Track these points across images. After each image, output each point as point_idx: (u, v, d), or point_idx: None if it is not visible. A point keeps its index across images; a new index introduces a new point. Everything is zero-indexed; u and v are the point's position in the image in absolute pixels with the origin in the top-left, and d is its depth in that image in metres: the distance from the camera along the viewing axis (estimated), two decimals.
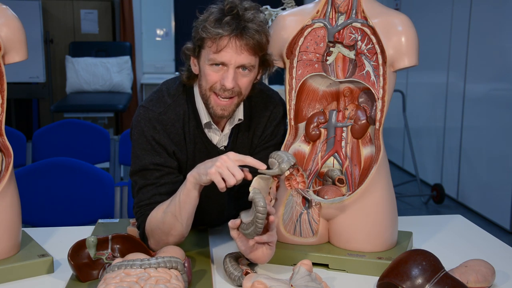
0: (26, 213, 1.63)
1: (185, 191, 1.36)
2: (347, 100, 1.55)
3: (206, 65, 1.41)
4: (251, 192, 1.26)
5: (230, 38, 1.37)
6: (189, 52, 1.46)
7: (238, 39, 1.37)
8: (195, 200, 1.38)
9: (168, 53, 6.78)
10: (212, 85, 1.42)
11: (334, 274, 1.42)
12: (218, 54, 1.38)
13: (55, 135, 3.28)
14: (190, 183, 1.35)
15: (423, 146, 5.26)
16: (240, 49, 1.38)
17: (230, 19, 1.37)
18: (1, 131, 1.41)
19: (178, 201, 1.37)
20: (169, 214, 1.39)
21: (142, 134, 1.49)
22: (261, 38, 1.39)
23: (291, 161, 1.32)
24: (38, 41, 5.34)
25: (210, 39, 1.38)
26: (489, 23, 4.14)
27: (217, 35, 1.36)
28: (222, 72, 1.40)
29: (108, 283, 1.15)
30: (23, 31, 1.43)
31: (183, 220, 1.38)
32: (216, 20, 1.37)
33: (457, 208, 4.53)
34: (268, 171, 1.32)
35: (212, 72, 1.41)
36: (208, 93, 1.44)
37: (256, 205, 1.23)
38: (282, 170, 1.31)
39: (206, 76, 1.42)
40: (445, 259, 1.32)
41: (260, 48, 1.40)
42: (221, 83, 1.40)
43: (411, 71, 5.42)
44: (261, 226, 1.25)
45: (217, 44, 1.37)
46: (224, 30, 1.36)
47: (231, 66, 1.39)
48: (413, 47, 1.44)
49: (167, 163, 1.49)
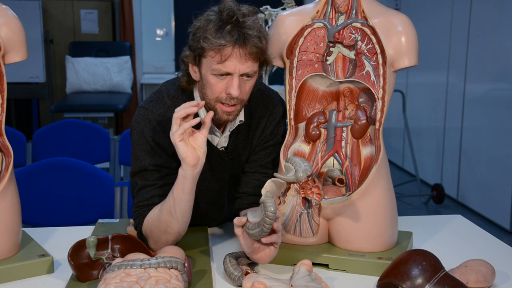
0: (26, 213, 1.63)
1: (178, 185, 1.36)
2: (347, 100, 1.55)
3: (210, 75, 1.40)
4: (263, 194, 1.26)
5: (234, 48, 1.35)
6: (188, 61, 1.45)
7: (242, 48, 1.36)
8: (189, 195, 1.37)
9: (168, 53, 6.78)
10: (218, 95, 1.41)
11: (334, 274, 1.42)
12: (223, 64, 1.36)
13: (55, 135, 3.28)
14: (180, 175, 1.35)
15: (423, 146, 5.26)
16: (244, 58, 1.37)
17: (231, 27, 1.35)
18: (1, 131, 1.41)
19: (172, 197, 1.38)
20: (165, 211, 1.39)
21: (141, 135, 1.49)
22: (262, 44, 1.39)
23: (307, 171, 1.29)
24: (38, 41, 5.34)
25: (212, 49, 1.36)
26: (489, 23, 4.14)
27: (220, 46, 1.35)
28: (227, 81, 1.39)
29: (108, 283, 1.15)
30: (23, 31, 1.43)
31: (179, 217, 1.38)
32: (216, 29, 1.35)
33: (457, 208, 4.53)
34: (283, 177, 1.30)
35: (216, 82, 1.40)
36: (214, 103, 1.43)
37: (266, 209, 1.23)
38: (298, 179, 1.29)
39: (211, 86, 1.41)
40: (445, 259, 1.33)
41: (262, 53, 1.40)
42: (227, 92, 1.39)
43: (411, 71, 5.42)
44: (267, 230, 1.25)
45: (220, 54, 1.36)
46: (226, 40, 1.34)
47: (236, 74, 1.38)
48: (413, 47, 1.44)
49: (166, 164, 1.49)
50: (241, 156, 1.59)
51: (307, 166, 1.30)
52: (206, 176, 1.54)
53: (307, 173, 1.29)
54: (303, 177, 1.28)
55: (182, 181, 1.35)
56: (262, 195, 1.25)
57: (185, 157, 1.32)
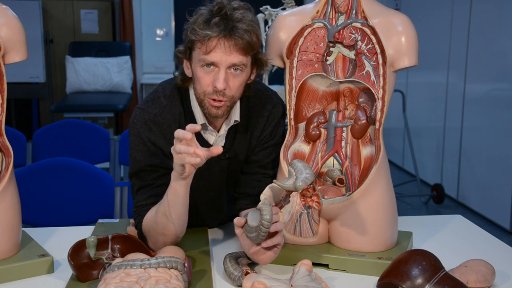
0: (26, 213, 1.63)
1: (171, 190, 1.36)
2: (347, 100, 1.55)
3: (198, 67, 1.40)
4: (261, 201, 1.25)
5: (218, 39, 1.36)
6: (181, 55, 1.46)
7: (227, 39, 1.36)
8: (183, 199, 1.37)
9: (168, 53, 6.78)
10: (205, 89, 1.41)
11: (334, 274, 1.42)
12: (208, 55, 1.37)
13: (55, 135, 3.29)
14: (173, 181, 1.35)
15: (423, 146, 5.26)
16: (229, 50, 1.37)
17: (219, 20, 1.36)
18: (1, 131, 1.41)
19: (167, 201, 1.37)
20: (160, 213, 1.39)
21: (138, 136, 1.49)
22: (250, 38, 1.38)
23: (307, 181, 1.26)
24: (38, 41, 5.34)
25: (199, 41, 1.37)
26: (489, 23, 4.14)
27: (206, 37, 1.35)
28: (214, 74, 1.39)
29: (108, 283, 1.15)
30: (23, 31, 1.43)
31: (174, 220, 1.38)
32: (204, 21, 1.36)
33: (457, 208, 4.53)
34: (282, 185, 1.28)
35: (204, 75, 1.40)
36: (202, 97, 1.43)
37: (262, 217, 1.23)
38: (297, 189, 1.26)
39: (199, 79, 1.41)
40: (445, 259, 1.33)
41: (250, 47, 1.39)
42: (213, 85, 1.39)
43: (411, 71, 5.42)
44: (263, 237, 1.25)
45: (206, 45, 1.36)
46: (212, 31, 1.35)
47: (222, 66, 1.38)
48: (413, 47, 1.44)
49: (163, 164, 1.49)
50: (239, 156, 1.59)
51: (308, 174, 1.27)
52: (203, 176, 1.54)
53: (306, 183, 1.26)
54: (302, 186, 1.25)
55: (175, 187, 1.35)
56: (260, 201, 1.25)
57: (180, 173, 1.31)
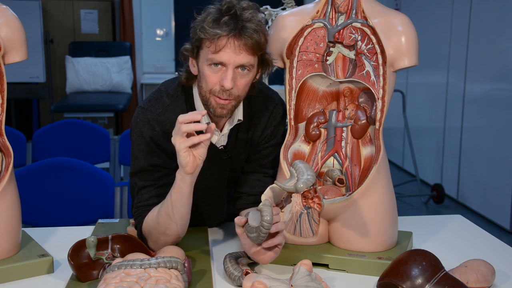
0: (26, 213, 1.63)
1: (176, 189, 1.36)
2: (347, 100, 1.55)
3: (205, 66, 1.41)
4: (262, 201, 1.25)
5: (228, 38, 1.36)
6: (187, 53, 1.46)
7: (237, 39, 1.36)
8: (187, 199, 1.37)
9: (168, 53, 6.78)
10: (212, 87, 1.41)
11: (334, 274, 1.42)
12: (217, 54, 1.37)
13: (55, 135, 3.28)
14: (178, 179, 1.35)
15: (423, 146, 5.26)
16: (238, 49, 1.37)
17: (228, 19, 1.36)
18: (1, 131, 1.41)
19: (170, 200, 1.37)
20: (163, 213, 1.39)
21: (140, 136, 1.49)
22: (259, 38, 1.39)
23: (308, 182, 1.26)
24: (38, 41, 5.34)
25: (208, 39, 1.37)
26: (489, 23, 4.14)
27: (215, 35, 1.36)
28: (221, 73, 1.40)
29: (108, 283, 1.15)
30: (23, 31, 1.43)
31: (177, 220, 1.38)
32: (214, 20, 1.37)
33: (457, 208, 4.53)
34: (283, 186, 1.28)
35: (211, 73, 1.40)
36: (208, 95, 1.43)
37: (262, 218, 1.23)
38: (298, 191, 1.26)
39: (205, 78, 1.41)
40: (445, 259, 1.33)
41: (258, 47, 1.40)
42: (220, 84, 1.40)
43: (411, 71, 5.42)
44: (263, 238, 1.25)
45: (215, 44, 1.36)
46: (222, 30, 1.35)
47: (230, 66, 1.38)
48: (413, 47, 1.44)
49: (165, 164, 1.49)
50: (240, 155, 1.59)
51: (310, 176, 1.27)
52: (205, 175, 1.54)
53: (307, 185, 1.26)
54: (303, 188, 1.25)
55: (180, 185, 1.35)
56: (261, 202, 1.25)
57: (185, 166, 1.31)
